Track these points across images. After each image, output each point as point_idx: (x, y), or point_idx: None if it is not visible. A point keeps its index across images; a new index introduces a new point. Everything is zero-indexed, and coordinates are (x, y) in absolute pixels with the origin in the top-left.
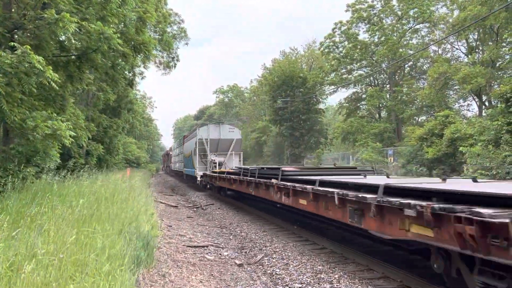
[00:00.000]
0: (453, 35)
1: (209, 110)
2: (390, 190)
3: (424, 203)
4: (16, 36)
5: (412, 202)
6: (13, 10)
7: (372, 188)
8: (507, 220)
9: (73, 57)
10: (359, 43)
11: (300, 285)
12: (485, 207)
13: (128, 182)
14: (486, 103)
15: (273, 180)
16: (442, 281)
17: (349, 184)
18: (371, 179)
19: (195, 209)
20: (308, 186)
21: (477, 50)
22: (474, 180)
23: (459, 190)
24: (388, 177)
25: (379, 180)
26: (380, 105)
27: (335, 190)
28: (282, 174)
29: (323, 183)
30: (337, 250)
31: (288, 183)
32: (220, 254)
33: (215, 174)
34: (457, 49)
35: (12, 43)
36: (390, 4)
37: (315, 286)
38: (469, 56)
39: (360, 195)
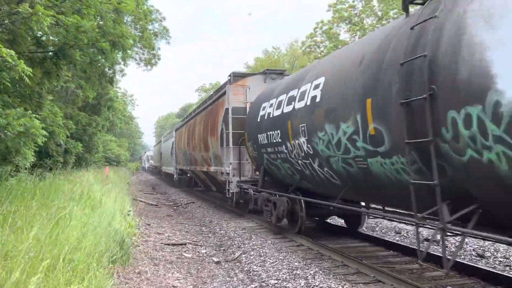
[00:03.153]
0: None
1: (191, 108)
2: None
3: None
4: None
5: None
6: None
7: None
8: None
9: (50, 53)
10: (340, 43)
11: (276, 281)
12: None
13: (106, 180)
14: None
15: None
16: (411, 275)
17: None
18: None
19: (175, 207)
20: None
21: None
22: None
23: None
24: None
25: None
26: None
27: None
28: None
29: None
30: (313, 248)
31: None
32: (198, 252)
33: (149, 166)
34: None
35: None
36: (370, 5)
37: (291, 282)
38: None
39: None
